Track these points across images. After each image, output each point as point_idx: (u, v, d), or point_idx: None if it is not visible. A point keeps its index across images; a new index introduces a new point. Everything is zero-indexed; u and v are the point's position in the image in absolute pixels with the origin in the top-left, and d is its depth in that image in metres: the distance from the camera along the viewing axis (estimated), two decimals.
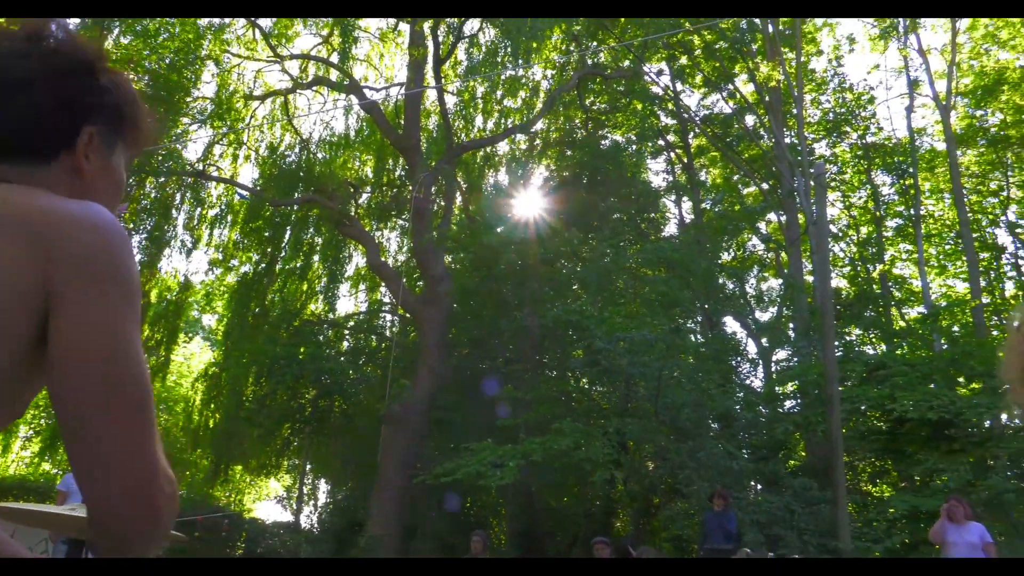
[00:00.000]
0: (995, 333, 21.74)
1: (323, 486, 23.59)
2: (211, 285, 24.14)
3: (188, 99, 19.30)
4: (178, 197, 20.15)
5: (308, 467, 23.46)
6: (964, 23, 23.63)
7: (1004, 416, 12.66)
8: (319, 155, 21.67)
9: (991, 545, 7.89)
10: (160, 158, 17.94)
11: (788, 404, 16.68)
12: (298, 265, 21.89)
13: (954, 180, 21.46)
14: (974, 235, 22.20)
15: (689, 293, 16.54)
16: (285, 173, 20.93)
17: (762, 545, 10.50)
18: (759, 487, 14.22)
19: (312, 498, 23.61)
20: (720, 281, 19.04)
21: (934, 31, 25.33)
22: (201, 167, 19.98)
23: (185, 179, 19.71)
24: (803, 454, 16.50)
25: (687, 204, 23.27)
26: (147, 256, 19.36)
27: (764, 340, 19.60)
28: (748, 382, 17.91)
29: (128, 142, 1.09)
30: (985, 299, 21.86)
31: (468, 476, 12.06)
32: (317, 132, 24.14)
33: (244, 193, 20.87)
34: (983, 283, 22.29)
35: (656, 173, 23.68)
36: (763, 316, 21.67)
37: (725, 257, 22.22)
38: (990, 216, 24.72)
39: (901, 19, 23.24)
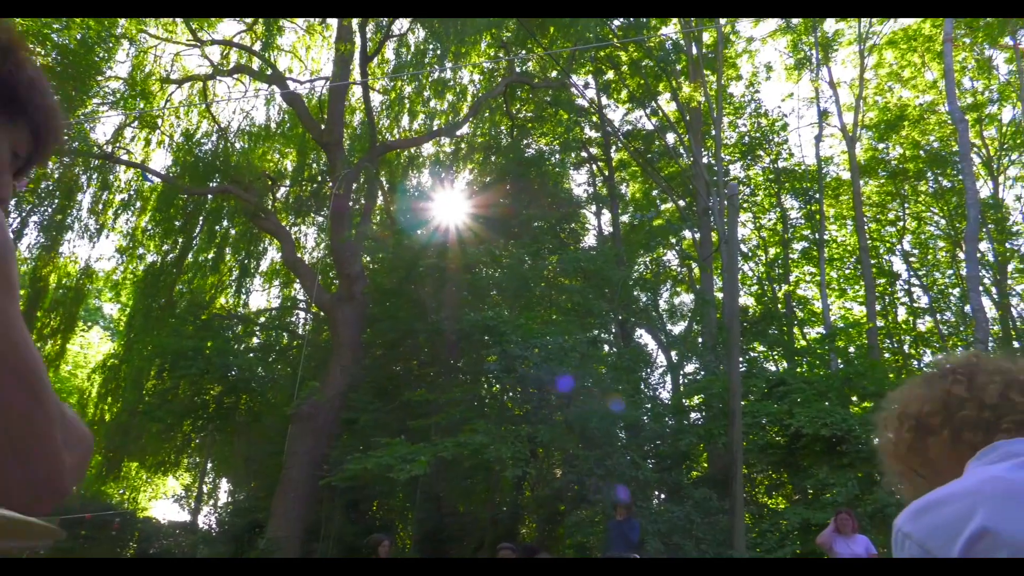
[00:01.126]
0: (887, 355, 22.94)
1: (224, 485, 22.93)
2: (114, 273, 23.13)
3: (99, 78, 18.47)
4: (83, 179, 19.25)
5: (209, 465, 22.75)
6: (872, 60, 24.94)
7: None
8: (237, 145, 21.09)
9: (875, 556, 8.32)
10: (65, 137, 17.07)
11: (693, 416, 17.16)
12: (210, 257, 21.23)
13: (856, 208, 22.59)
14: (872, 261, 23.41)
15: (604, 304, 16.84)
16: (201, 161, 20.26)
17: (661, 553, 10.75)
18: (662, 496, 14.57)
19: (212, 498, 22.91)
20: (635, 293, 19.46)
21: (844, 65, 26.62)
22: (110, 150, 19.14)
23: (92, 161, 18.83)
24: (705, 465, 16.99)
25: (606, 216, 23.72)
26: (47, 239, 18.43)
27: (674, 353, 20.12)
28: (657, 394, 18.35)
29: (18, 129, 1.02)
30: (879, 322, 23.09)
31: (378, 467, 11.92)
32: (236, 121, 23.49)
33: (153, 179, 20.06)
34: (878, 307, 23.54)
35: (578, 184, 24.07)
36: (675, 329, 22.28)
37: (641, 270, 22.71)
38: (887, 244, 26.14)
39: (815, 51, 24.34)
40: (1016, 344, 22.16)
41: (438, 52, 19.19)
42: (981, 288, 19.17)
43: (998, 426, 1.20)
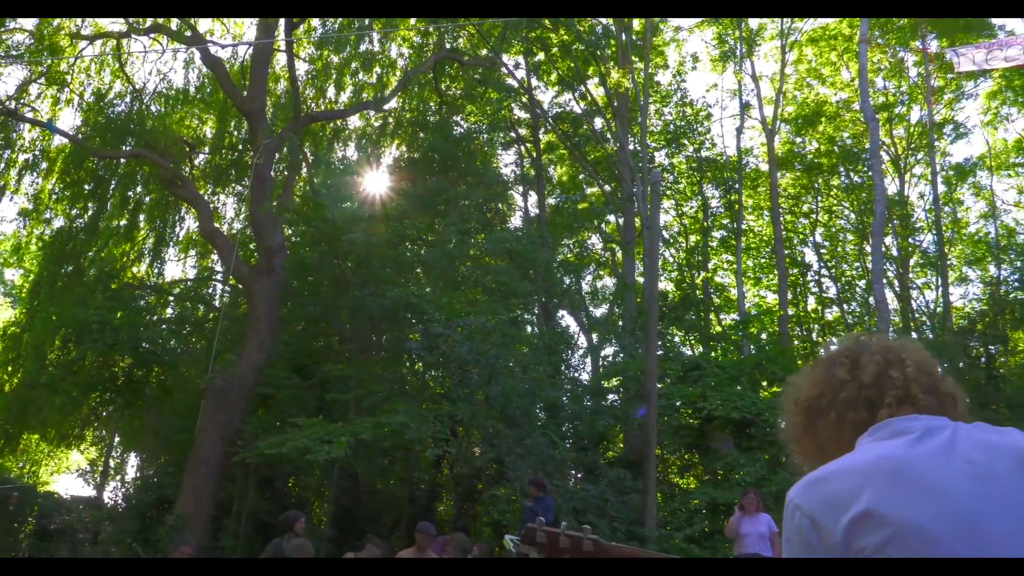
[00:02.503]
0: (796, 343, 23.87)
1: (133, 460, 22.26)
2: (17, 237, 21.93)
3: (1, 29, 17.38)
4: None
5: (117, 439, 22.01)
6: (792, 56, 25.69)
7: None
8: (153, 108, 20.22)
9: (776, 534, 8.70)
10: None
11: (611, 397, 17.52)
12: (122, 224, 20.35)
13: (773, 199, 23.34)
14: (785, 251, 24.28)
15: (528, 285, 16.95)
16: (113, 123, 19.33)
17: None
18: (578, 475, 14.85)
19: (119, 473, 22.20)
20: (559, 276, 19.66)
21: (766, 60, 27.34)
22: (13, 106, 18.07)
23: None
24: (621, 446, 17.38)
25: (533, 198, 23.83)
26: None
27: (594, 335, 20.45)
28: (577, 375, 18.63)
29: None
30: (790, 311, 24.01)
31: (295, 451, 11.66)
32: (153, 83, 22.54)
33: (43, 124, 18.93)
34: (790, 296, 24.46)
35: (506, 164, 24.09)
36: (596, 312, 22.62)
37: (565, 253, 22.94)
38: (800, 236, 27.13)
39: (739, 44, 24.92)
40: (914, 335, 23.41)
41: (366, 22, 18.80)
42: (884, 281, 20.14)
43: (881, 402, 1.27)
